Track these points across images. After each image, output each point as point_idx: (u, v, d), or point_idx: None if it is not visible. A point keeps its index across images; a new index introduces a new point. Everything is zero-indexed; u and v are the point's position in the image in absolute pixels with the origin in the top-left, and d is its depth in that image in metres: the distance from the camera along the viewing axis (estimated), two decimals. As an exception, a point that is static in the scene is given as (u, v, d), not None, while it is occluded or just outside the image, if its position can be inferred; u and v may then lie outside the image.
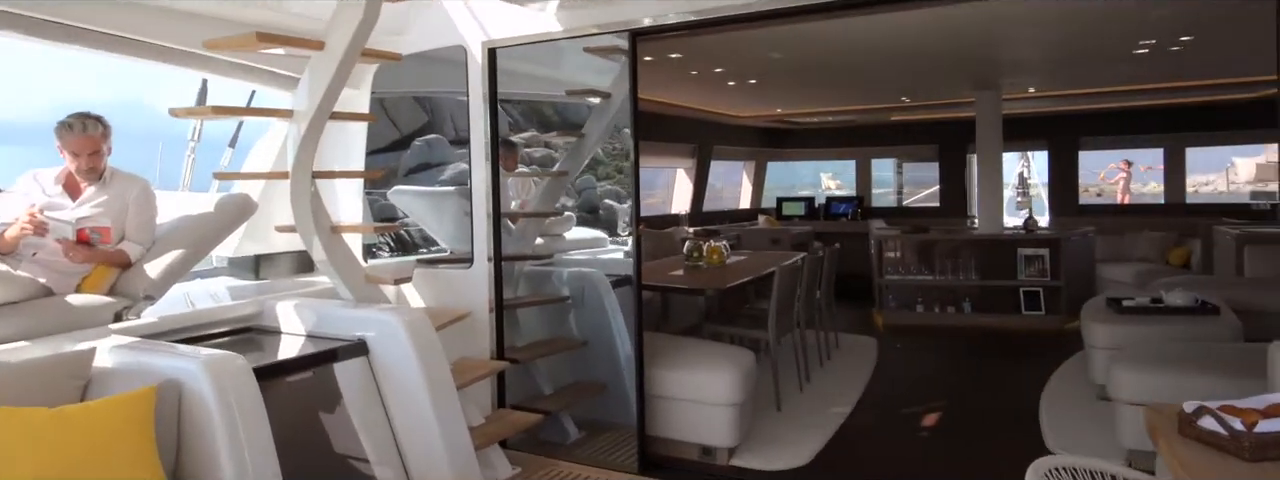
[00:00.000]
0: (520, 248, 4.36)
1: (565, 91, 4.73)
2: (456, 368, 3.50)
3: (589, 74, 4.95)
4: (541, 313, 4.31)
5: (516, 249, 4.31)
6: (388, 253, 6.60)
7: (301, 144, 2.99)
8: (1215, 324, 4.39)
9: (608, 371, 4.21)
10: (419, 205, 4.91)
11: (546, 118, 10.47)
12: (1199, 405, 1.73)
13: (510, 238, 4.36)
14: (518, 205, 5.30)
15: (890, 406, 4.60)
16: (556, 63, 5.08)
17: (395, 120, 16.39)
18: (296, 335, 3.25)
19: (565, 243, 5.58)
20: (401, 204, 4.96)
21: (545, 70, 4.92)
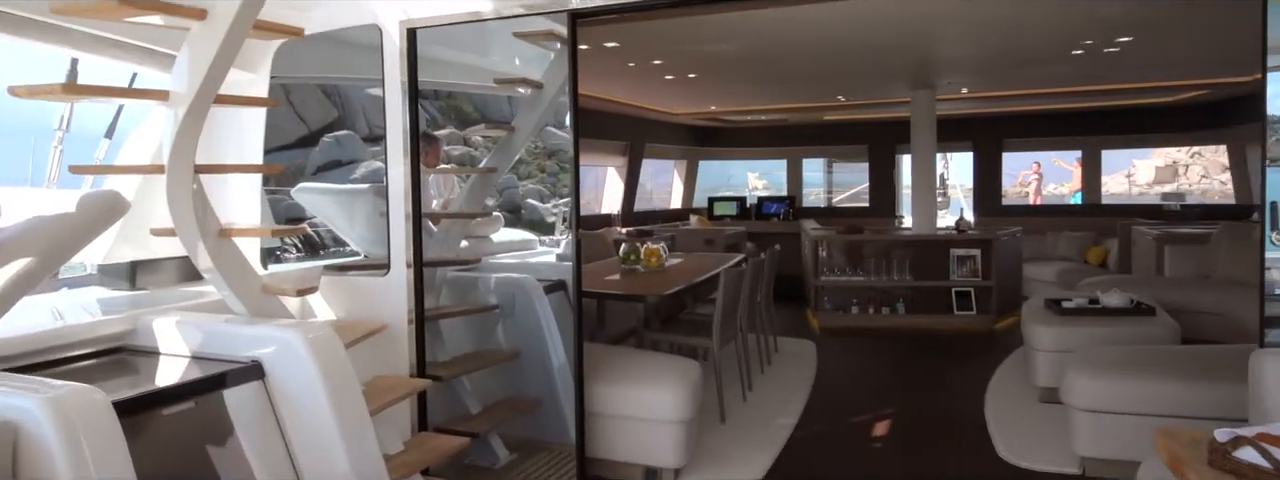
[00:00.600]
0: (443, 252, 3.96)
1: (494, 80, 4.35)
2: (370, 388, 3.10)
3: (519, 63, 4.60)
4: (467, 323, 3.92)
5: (439, 253, 3.91)
6: (297, 256, 6.05)
7: (179, 132, 2.53)
8: (1153, 325, 4.40)
9: (541, 386, 3.87)
10: (328, 205, 4.43)
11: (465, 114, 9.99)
12: (1234, 434, 1.54)
13: (432, 241, 3.96)
14: (440, 205, 4.88)
15: (837, 415, 4.42)
16: (484, 49, 4.69)
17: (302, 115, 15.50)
18: (178, 357, 2.78)
19: (493, 245, 5.19)
20: (308, 204, 4.47)
21: (471, 58, 4.53)
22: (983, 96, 7.53)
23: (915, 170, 7.07)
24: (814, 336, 6.64)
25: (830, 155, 10.69)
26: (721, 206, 10.24)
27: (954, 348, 6.26)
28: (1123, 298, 4.66)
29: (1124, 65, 5.77)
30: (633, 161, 8.84)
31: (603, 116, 8.14)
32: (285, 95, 4.39)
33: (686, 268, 5.35)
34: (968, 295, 6.93)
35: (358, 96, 20.05)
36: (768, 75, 6.34)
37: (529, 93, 4.34)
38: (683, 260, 5.82)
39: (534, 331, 3.93)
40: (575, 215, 3.33)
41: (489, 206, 5.09)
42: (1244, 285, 5.71)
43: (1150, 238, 6.49)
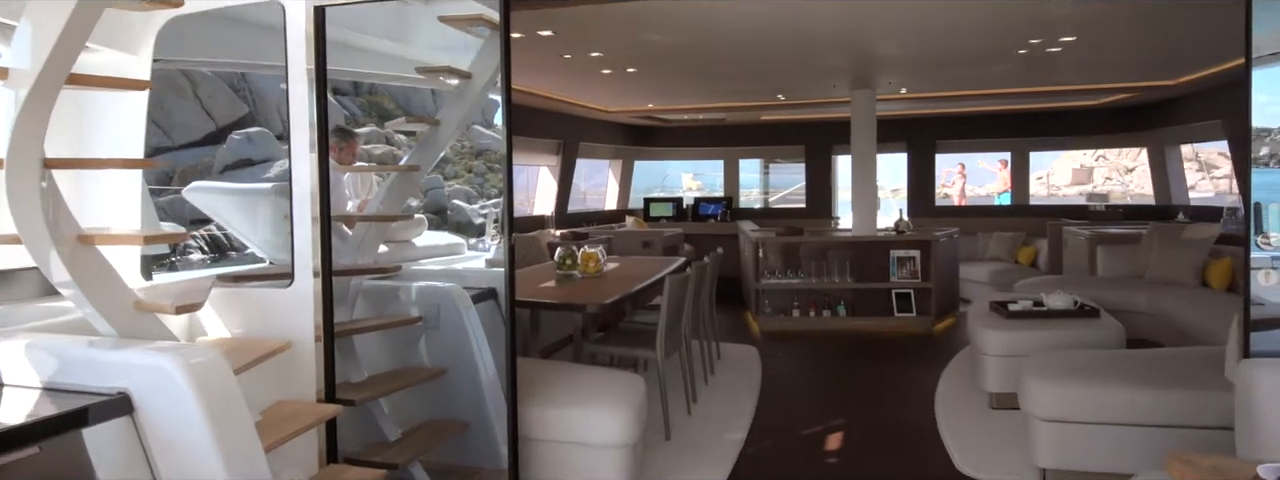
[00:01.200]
0: (358, 258, 3.55)
1: (416, 69, 3.95)
2: (269, 418, 2.69)
3: (444, 52, 4.22)
4: (385, 338, 3.52)
5: (353, 260, 3.50)
6: (205, 260, 5.44)
7: (21, 117, 2.08)
8: (1098, 327, 4.34)
9: (469, 406, 3.50)
10: (227, 207, 3.96)
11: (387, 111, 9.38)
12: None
13: (346, 246, 3.56)
14: (356, 207, 4.46)
15: (786, 428, 4.20)
16: (405, 35, 4.29)
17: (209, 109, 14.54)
18: (25, 389, 2.32)
19: (416, 251, 4.78)
20: (203, 205, 3.97)
21: (389, 45, 4.12)
22: (921, 97, 7.51)
23: (856, 171, 6.97)
24: (755, 341, 6.45)
25: (767, 156, 10.59)
26: (658, 207, 10.00)
27: (896, 350, 6.16)
28: (1066, 300, 4.61)
29: (1061, 66, 5.78)
30: (566, 161, 8.50)
31: (535, 113, 7.78)
32: (191, 87, 3.91)
33: (626, 273, 5.06)
34: (907, 297, 6.87)
35: (272, 90, 19.12)
36: (708, 71, 6.11)
37: (456, 84, 3.97)
38: (621, 264, 5.53)
39: (461, 346, 3.56)
40: (508, 218, 2.99)
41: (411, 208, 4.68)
42: (1175, 285, 5.83)
43: (1083, 238, 6.55)
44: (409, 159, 3.98)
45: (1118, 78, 6.58)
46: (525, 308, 4.07)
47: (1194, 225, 5.85)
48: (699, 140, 10.07)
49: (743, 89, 7.06)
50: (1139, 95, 7.39)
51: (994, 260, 8.49)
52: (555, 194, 8.52)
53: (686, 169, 16.20)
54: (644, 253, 7.55)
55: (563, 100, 7.53)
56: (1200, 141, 7.37)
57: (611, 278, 4.78)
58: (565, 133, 8.38)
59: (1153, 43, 5.15)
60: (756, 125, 9.79)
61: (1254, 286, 2.28)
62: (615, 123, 9.32)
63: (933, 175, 9.43)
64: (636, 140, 9.93)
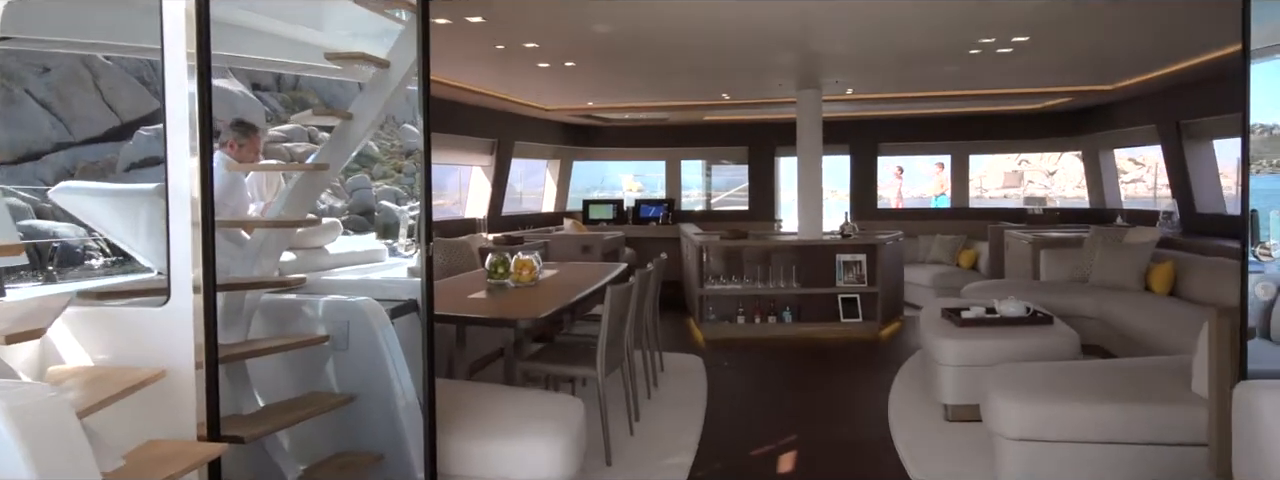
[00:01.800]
0: (255, 268, 3.11)
1: (325, 55, 3.52)
2: (135, 463, 2.26)
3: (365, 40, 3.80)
4: (285, 362, 3.09)
5: (248, 270, 3.06)
6: (107, 264, 4.80)
7: None
8: (1053, 335, 4.21)
9: (384, 435, 3.10)
10: (101, 210, 3.44)
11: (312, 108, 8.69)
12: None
13: (244, 254, 3.12)
14: (259, 210, 3.99)
15: (736, 447, 3.93)
16: (313, 18, 3.85)
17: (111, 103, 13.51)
18: None
19: (328, 259, 4.33)
20: (73, 208, 3.46)
21: (293, 29, 3.68)
22: (866, 98, 7.38)
23: (801, 173, 6.78)
24: (699, 350, 6.18)
25: (710, 157, 10.37)
26: (597, 210, 9.66)
27: (844, 357, 5.98)
28: (1019, 307, 4.47)
29: (1008, 68, 5.69)
30: (501, 161, 8.09)
31: (467, 110, 7.35)
32: (92, 79, 3.39)
33: (563, 281, 4.71)
34: (854, 302, 6.72)
35: (190, 85, 18.03)
36: (652, 68, 5.81)
37: (372, 74, 3.57)
38: (558, 271, 5.17)
39: (375, 367, 3.15)
40: (425, 224, 2.61)
41: (336, 211, 4.22)
42: (1118, 289, 5.79)
43: (1025, 242, 6.51)
44: (318, 157, 3.55)
45: (1059, 82, 6.56)
46: (450, 322, 3.68)
47: (1135, 229, 5.85)
48: (640, 140, 9.78)
49: (688, 87, 6.79)
50: (1076, 100, 7.43)
51: (936, 263, 8.45)
52: (489, 196, 8.09)
53: (627, 170, 15.87)
54: (583, 258, 7.20)
55: (497, 96, 7.12)
56: (1134, 146, 7.46)
57: (547, 287, 4.43)
58: (500, 131, 7.96)
59: (1100, 46, 5.09)
60: (699, 126, 9.56)
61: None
62: (553, 121, 8.94)
63: (875, 177, 9.36)
64: (575, 140, 9.57)
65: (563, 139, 9.33)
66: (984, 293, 5.83)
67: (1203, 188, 6.51)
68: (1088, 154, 8.33)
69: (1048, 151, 8.87)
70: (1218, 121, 6.22)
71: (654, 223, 9.49)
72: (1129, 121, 7.28)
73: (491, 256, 4.53)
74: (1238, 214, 6.36)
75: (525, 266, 4.41)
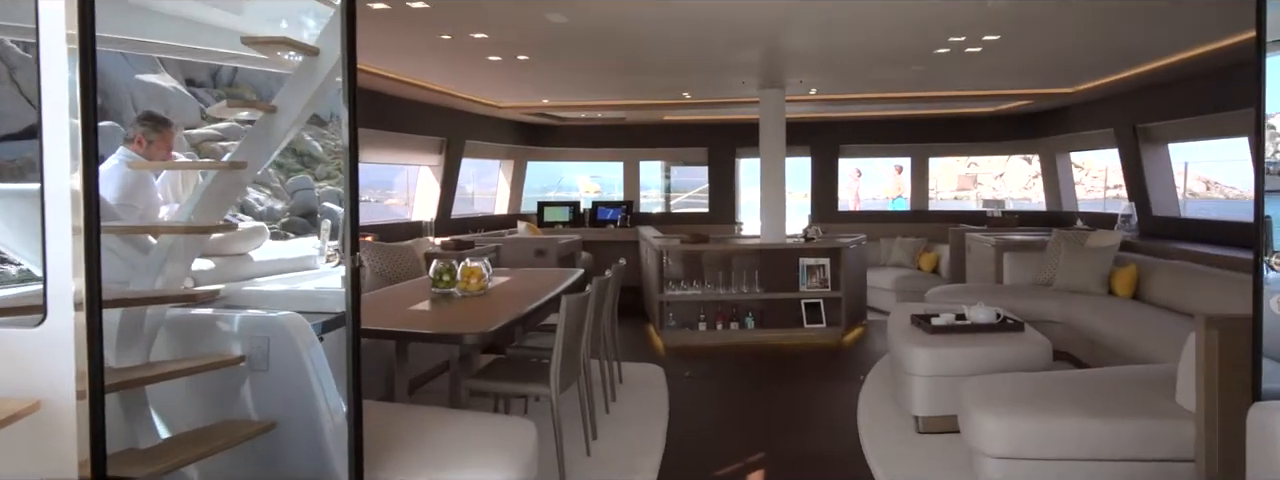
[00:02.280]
0: (160, 279, 2.74)
1: (242, 40, 3.16)
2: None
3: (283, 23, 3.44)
4: (195, 386, 2.73)
5: (151, 282, 2.70)
6: None
7: None
8: (1025, 342, 4.06)
9: (310, 466, 2.77)
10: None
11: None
12: None
13: (148, 263, 2.75)
14: (170, 214, 3.60)
15: (701, 466, 3.67)
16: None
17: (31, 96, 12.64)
18: None
19: (253, 267, 3.95)
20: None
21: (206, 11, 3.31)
22: (828, 99, 7.23)
23: (765, 175, 6.57)
24: (660, 358, 5.92)
25: (669, 158, 10.13)
26: (553, 212, 9.35)
27: (808, 365, 5.78)
28: (989, 313, 4.31)
29: (973, 69, 5.58)
30: (450, 161, 7.72)
31: (414, 107, 6.97)
32: (8, 72, 2.96)
33: (515, 289, 4.40)
34: (817, 307, 6.54)
35: (125, 81, 17.08)
36: (610, 64, 5.53)
37: (299, 62, 3.22)
38: (510, 278, 4.86)
39: (299, 390, 2.81)
40: (351, 231, 2.29)
41: (277, 212, 3.85)
42: (1083, 293, 5.71)
43: (989, 245, 6.41)
44: (235, 153, 3.18)
45: (1021, 84, 6.49)
46: (388, 338, 3.35)
47: (1097, 232, 5.79)
48: (597, 140, 9.49)
49: (647, 85, 6.53)
50: (1035, 103, 7.39)
51: (897, 266, 8.35)
52: (438, 197, 7.71)
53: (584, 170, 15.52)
54: (537, 263, 6.89)
55: (446, 92, 6.76)
56: (1090, 149, 7.46)
57: (497, 297, 4.12)
58: (449, 129, 7.60)
59: (1066, 47, 5.00)
60: (658, 126, 9.31)
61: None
62: (506, 120, 8.60)
63: (836, 180, 9.24)
64: (530, 139, 9.24)
65: (517, 138, 8.99)
66: (949, 297, 5.70)
67: (1158, 191, 6.51)
68: (1044, 157, 8.33)
69: (1005, 154, 8.86)
70: (1174, 125, 6.22)
71: (612, 225, 9.22)
72: (1086, 125, 7.27)
73: (437, 263, 4.20)
74: (1194, 218, 6.30)
75: (473, 274, 4.09)
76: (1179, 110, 5.99)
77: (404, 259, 5.47)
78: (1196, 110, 5.76)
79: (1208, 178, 40.26)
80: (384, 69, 5.70)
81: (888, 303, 7.82)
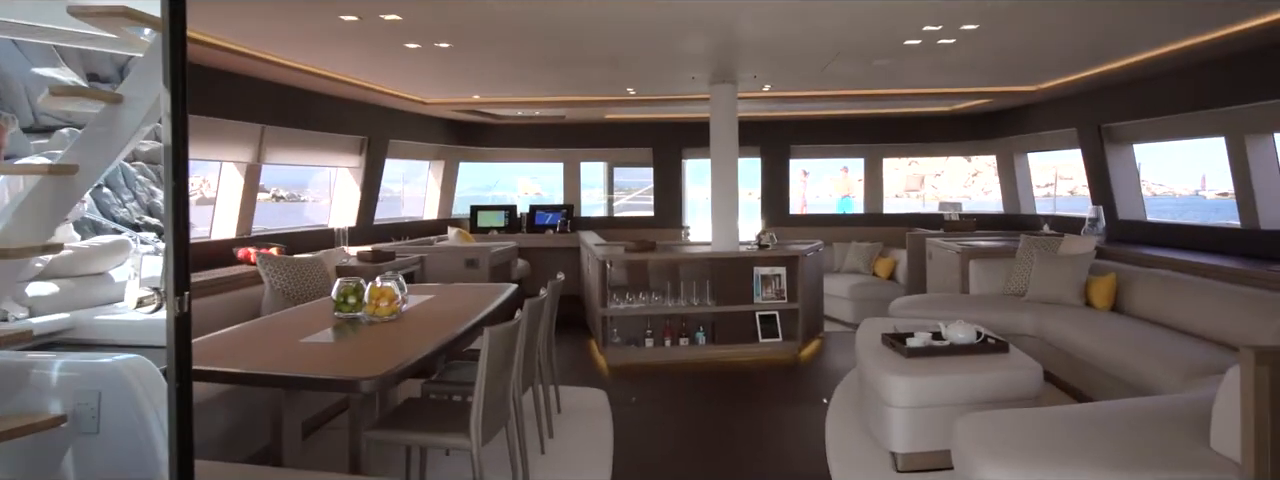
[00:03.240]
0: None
1: (68, 10, 2.48)
2: None
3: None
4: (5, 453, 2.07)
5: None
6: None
7: None
8: (1012, 365, 3.65)
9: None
10: None
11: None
12: None
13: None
14: None
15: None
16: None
17: None
18: None
19: (112, 290, 3.25)
20: None
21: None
22: (783, 96, 6.79)
23: (716, 177, 6.08)
24: (603, 380, 5.38)
25: (612, 159, 9.58)
26: (487, 217, 8.70)
27: (765, 385, 5.31)
28: (969, 331, 3.90)
29: (939, 64, 5.20)
30: (372, 162, 7.01)
31: (330, 102, 6.26)
32: None
33: (435, 312, 3.79)
34: (773, 320, 6.09)
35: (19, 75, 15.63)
36: (545, 55, 4.95)
37: (149, 42, 2.58)
38: (432, 298, 4.23)
39: (140, 457, 2.18)
40: (178, 261, 1.67)
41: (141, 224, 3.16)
42: (1058, 305, 5.22)
43: (953, 252, 6.06)
44: (65, 155, 2.51)
45: (984, 81, 6.17)
46: (264, 384, 2.71)
47: (1069, 238, 5.48)
48: (535, 140, 8.88)
49: (589, 80, 5.97)
50: (996, 101, 7.11)
51: (852, 273, 7.99)
52: (358, 203, 6.99)
53: (522, 172, 14.82)
54: (468, 274, 6.25)
55: (365, 86, 6.07)
56: (1051, 149, 7.23)
57: (413, 323, 3.50)
58: (371, 128, 6.89)
59: (1038, 42, 4.65)
60: (600, 125, 8.76)
61: None
62: (435, 118, 7.92)
63: (787, 182, 8.85)
64: (462, 139, 8.57)
65: (447, 138, 8.31)
66: (915, 310, 5.32)
67: (1124, 193, 6.28)
68: (1002, 158, 8.08)
69: (962, 155, 8.60)
70: (1139, 125, 5.98)
71: (551, 231, 8.62)
72: (1047, 124, 7.02)
73: (341, 283, 3.56)
74: (1161, 221, 5.92)
75: (382, 296, 3.46)
76: (1145, 110, 5.74)
77: (311, 274, 4.78)
78: (1163, 110, 5.51)
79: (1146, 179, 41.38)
80: (290, 59, 5.00)
81: (843, 311, 7.44)
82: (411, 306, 3.83)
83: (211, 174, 5.74)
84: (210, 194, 5.79)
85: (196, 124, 5.08)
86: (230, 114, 5.24)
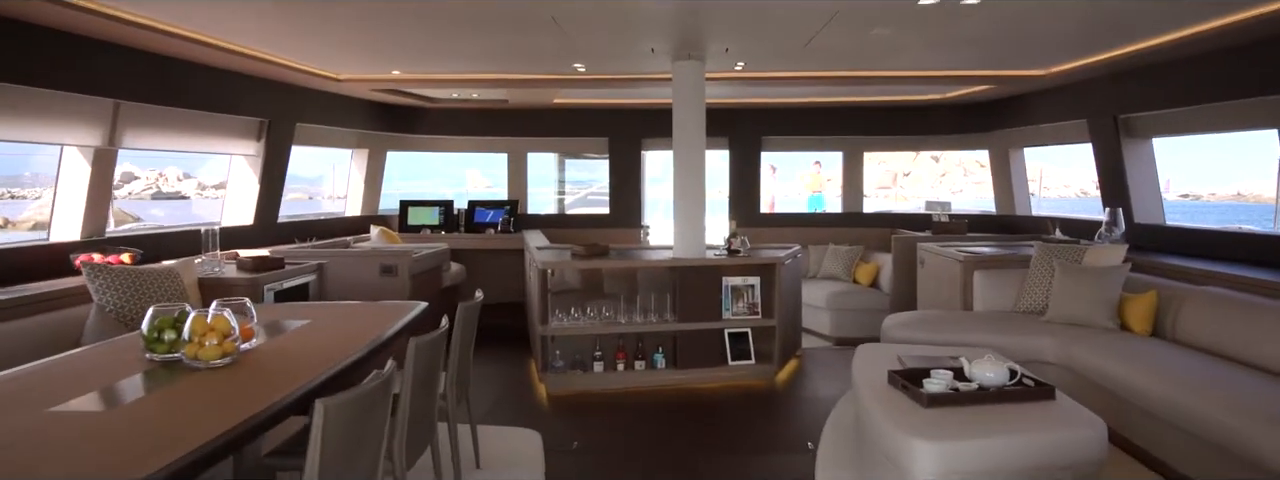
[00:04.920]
0: None
1: None
2: None
3: None
4: None
5: None
6: None
7: None
8: (1067, 420, 2.78)
9: None
10: None
11: None
12: None
13: None
14: None
15: None
16: None
17: None
18: None
19: None
20: None
21: None
22: (755, 77, 5.87)
23: (680, 170, 5.15)
24: (541, 415, 4.42)
25: (562, 149, 8.59)
26: (419, 214, 7.65)
27: (736, 419, 4.40)
28: (999, 368, 3.04)
29: (946, 37, 4.35)
30: (274, 149, 5.93)
31: (213, 75, 5.17)
32: None
33: (293, 350, 2.77)
34: (744, 338, 5.20)
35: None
36: (469, 13, 3.93)
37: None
38: (308, 324, 3.21)
39: None
40: None
41: None
42: (1086, 327, 4.10)
43: (953, 261, 5.22)
44: None
45: (988, 63, 5.33)
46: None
47: (1096, 247, 4.66)
48: (475, 127, 7.85)
49: (527, 52, 4.97)
50: (995, 89, 6.30)
51: (830, 279, 7.15)
52: (257, 197, 5.91)
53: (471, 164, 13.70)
54: (382, 285, 5.22)
55: (261, 57, 4.99)
56: (1056, 143, 6.45)
57: (252, 370, 2.48)
58: (271, 108, 5.81)
59: (1065, 12, 3.80)
60: (548, 111, 7.76)
61: None
62: (355, 99, 6.84)
63: (757, 178, 7.97)
64: (390, 124, 7.50)
65: (372, 123, 7.24)
66: (914, 331, 4.47)
67: (1141, 194, 5.52)
68: (996, 153, 7.30)
69: (952, 149, 7.82)
70: (1163, 116, 5.21)
71: (491, 230, 7.61)
72: (1052, 115, 6.24)
73: (152, 312, 2.53)
74: (1186, 226, 4.91)
75: (212, 332, 2.44)
76: (1171, 98, 4.97)
77: (158, 290, 3.72)
78: (1196, 97, 4.75)
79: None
80: (153, 18, 3.93)
81: (820, 323, 6.60)
82: (265, 342, 2.82)
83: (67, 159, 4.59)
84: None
85: (18, 96, 3.98)
86: (71, 86, 4.13)
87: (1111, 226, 5.18)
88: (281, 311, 3.42)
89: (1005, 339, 4.16)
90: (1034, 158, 7.35)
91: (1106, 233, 5.20)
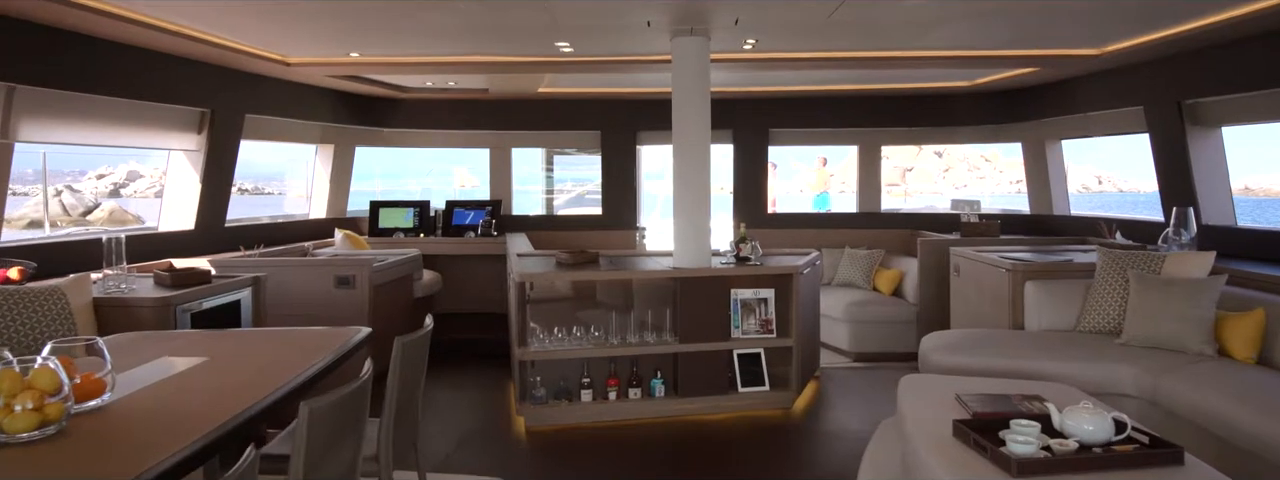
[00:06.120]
0: None
1: None
2: None
3: None
4: None
5: None
6: None
7: None
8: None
9: None
10: None
11: None
12: None
13: None
14: None
15: None
16: None
17: None
18: None
19: None
20: None
21: None
22: (766, 58, 5.15)
23: (680, 167, 4.44)
24: (514, 456, 3.72)
25: (550, 143, 7.88)
26: (391, 215, 6.93)
27: (748, 456, 3.70)
28: (1102, 421, 2.33)
29: (997, 10, 3.63)
30: (218, 143, 5.20)
31: (141, 57, 4.45)
32: None
33: (151, 415, 2.04)
34: (756, 361, 4.50)
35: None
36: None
37: None
38: (205, 361, 2.48)
39: None
40: None
41: None
42: (1175, 353, 3.30)
43: (1000, 269, 4.50)
44: None
45: (1037, 42, 4.63)
46: None
47: (1178, 254, 3.93)
48: (453, 120, 7.14)
49: (503, 27, 4.25)
50: (1038, 73, 5.60)
51: (847, 287, 6.45)
52: (199, 197, 5.19)
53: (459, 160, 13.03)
54: (335, 299, 4.51)
55: (192, 35, 4.27)
56: (1104, 134, 5.74)
57: (82, 443, 1.76)
58: (213, 97, 5.09)
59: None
60: (533, 101, 7.05)
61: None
62: (313, 87, 6.12)
63: (764, 174, 7.27)
64: (359, 117, 6.78)
65: (336, 115, 6.52)
66: (961, 356, 3.74)
67: (1210, 190, 4.82)
68: (1031, 146, 6.59)
69: (982, 142, 7.13)
70: (1238, 101, 4.51)
71: (471, 233, 6.89)
72: (1101, 102, 5.54)
73: (-50, 362, 1.81)
74: (1259, 228, 4.01)
75: (28, 391, 1.73)
76: (1244, 83, 4.29)
77: (42, 313, 2.99)
78: (1265, 83, 4.08)
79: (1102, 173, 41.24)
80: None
81: (838, 336, 5.90)
82: (125, 396, 2.10)
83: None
84: None
85: None
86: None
87: (1180, 229, 4.47)
88: (178, 344, 2.69)
89: (1073, 367, 3.45)
90: (1075, 152, 6.65)
91: (1175, 236, 4.49)
